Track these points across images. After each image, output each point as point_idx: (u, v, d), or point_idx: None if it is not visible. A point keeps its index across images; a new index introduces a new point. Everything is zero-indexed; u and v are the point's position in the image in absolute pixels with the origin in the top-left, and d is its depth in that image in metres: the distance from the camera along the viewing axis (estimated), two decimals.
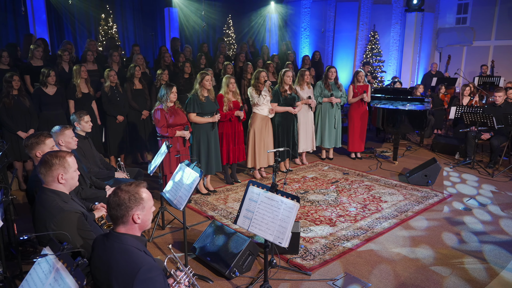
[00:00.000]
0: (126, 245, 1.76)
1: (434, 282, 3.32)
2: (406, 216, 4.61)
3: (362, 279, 3.36)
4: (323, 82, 6.75)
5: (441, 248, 3.91)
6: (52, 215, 2.18)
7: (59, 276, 1.63)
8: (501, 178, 6.02)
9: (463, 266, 3.57)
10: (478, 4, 11.16)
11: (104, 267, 1.72)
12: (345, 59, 11.15)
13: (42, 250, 1.82)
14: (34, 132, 3.01)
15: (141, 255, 1.74)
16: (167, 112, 4.62)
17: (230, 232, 3.57)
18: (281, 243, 2.53)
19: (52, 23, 8.61)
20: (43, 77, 5.44)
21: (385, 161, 6.99)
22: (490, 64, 10.27)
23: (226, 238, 3.52)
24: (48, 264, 1.73)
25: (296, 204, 2.56)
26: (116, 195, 1.78)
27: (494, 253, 3.80)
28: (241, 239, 3.45)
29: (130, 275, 1.66)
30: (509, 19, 10.70)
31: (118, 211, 1.77)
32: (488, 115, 6.14)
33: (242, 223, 2.78)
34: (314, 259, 3.66)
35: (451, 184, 5.78)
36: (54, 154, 2.28)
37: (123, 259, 1.71)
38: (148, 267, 1.68)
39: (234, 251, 3.38)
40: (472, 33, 11.29)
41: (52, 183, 2.29)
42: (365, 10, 10.77)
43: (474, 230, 4.28)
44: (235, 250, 3.39)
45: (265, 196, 2.71)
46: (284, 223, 2.55)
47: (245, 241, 3.40)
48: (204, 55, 8.34)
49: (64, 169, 2.29)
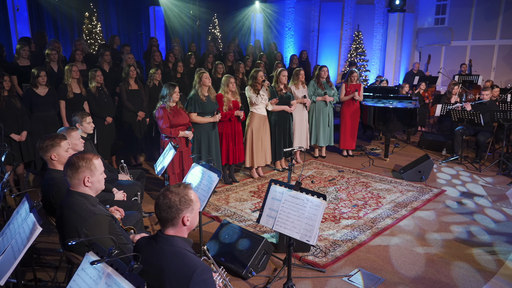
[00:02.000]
0: (177, 247, 1.73)
1: (445, 274, 3.43)
2: (406, 212, 4.73)
3: (375, 274, 3.42)
4: (316, 81, 6.83)
5: (445, 240, 4.03)
6: (83, 218, 2.12)
7: (113, 281, 1.58)
8: (489, 173, 6.27)
9: (470, 257, 3.70)
10: (456, 5, 11.56)
11: (154, 270, 1.68)
12: (329, 58, 11.30)
13: (85, 255, 1.76)
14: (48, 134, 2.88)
15: (194, 257, 1.72)
16: (170, 112, 4.55)
17: (243, 232, 3.56)
18: (309, 240, 2.55)
19: (34, 21, 8.31)
20: (33, 77, 5.24)
21: (376, 158, 7.14)
22: (468, 63, 10.66)
23: (239, 238, 3.51)
24: (95, 269, 1.67)
25: (323, 201, 2.58)
26: (166, 197, 1.74)
27: (496, 243, 3.96)
28: (255, 238, 3.44)
29: (185, 278, 1.63)
30: (484, 20, 11.14)
31: (169, 213, 1.73)
32: (475, 112, 6.38)
33: (266, 222, 2.77)
34: (326, 256, 3.70)
35: (443, 179, 5.97)
36: (80, 156, 2.21)
37: (176, 262, 1.68)
38: (202, 269, 1.66)
39: (249, 250, 3.37)
40: (450, 33, 11.69)
41: (78, 186, 2.22)
42: (349, 10, 10.96)
43: (474, 222, 4.44)
44: (250, 250, 3.38)
45: (289, 194, 2.72)
46: (311, 221, 2.57)
47: (260, 240, 3.39)
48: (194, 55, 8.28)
49: (90, 172, 2.22)
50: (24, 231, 1.89)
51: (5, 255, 1.87)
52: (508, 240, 4.05)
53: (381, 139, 8.74)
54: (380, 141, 8.61)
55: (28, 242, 1.79)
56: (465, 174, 6.21)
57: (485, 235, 4.15)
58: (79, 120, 4.01)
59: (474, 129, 6.79)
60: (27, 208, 2.03)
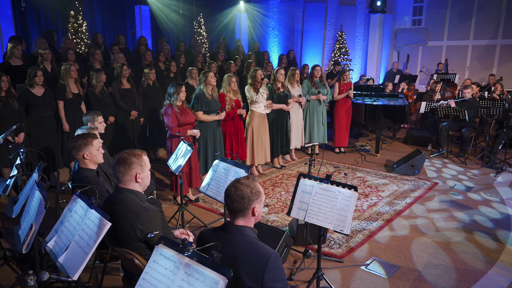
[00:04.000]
0: (249, 236, 1.81)
1: (454, 259, 3.66)
2: (407, 203, 4.97)
3: (390, 262, 3.61)
4: (310, 80, 7.00)
5: (447, 228, 4.28)
6: (137, 214, 2.15)
7: (194, 270, 1.64)
8: (474, 166, 6.64)
9: (474, 241, 3.95)
10: (432, 7, 12.08)
11: (227, 260, 1.75)
12: (313, 58, 11.54)
13: (154, 248, 1.81)
14: (79, 134, 2.87)
15: (264, 245, 1.80)
16: (178, 111, 4.58)
17: (263, 226, 3.65)
18: (343, 230, 2.68)
19: (17, 19, 8.05)
20: (29, 77, 5.12)
21: (367, 154, 7.39)
22: (444, 62, 11.17)
23: (260, 232, 3.59)
24: (170, 260, 1.73)
25: (355, 193, 2.72)
26: (238, 189, 1.82)
27: (495, 229, 4.24)
28: (276, 232, 3.54)
29: (260, 265, 1.71)
30: (459, 21, 11.71)
31: (241, 204, 1.81)
32: (460, 108, 6.74)
33: (297, 215, 2.88)
34: (341, 247, 3.86)
35: (433, 173, 6.28)
36: (131, 152, 2.25)
37: (250, 250, 1.76)
38: (275, 256, 1.75)
39: (271, 244, 3.47)
40: (427, 34, 12.19)
41: (129, 183, 2.25)
42: (332, 11, 11.23)
43: (469, 210, 4.73)
44: (271, 243, 3.47)
45: (320, 187, 2.84)
46: (343, 212, 2.70)
47: (281, 234, 3.50)
48: (184, 54, 8.27)
49: (141, 168, 2.26)
50: (89, 227, 1.91)
51: (71, 251, 1.88)
52: (503, 226, 4.34)
53: (368, 136, 9.04)
54: (367, 138, 8.90)
55: (98, 237, 1.82)
56: (452, 167, 6.55)
57: (483, 222, 4.43)
58: (90, 120, 3.98)
59: (458, 125, 7.17)
60: (83, 206, 2.05)
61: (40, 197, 2.31)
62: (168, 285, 1.69)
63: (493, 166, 6.51)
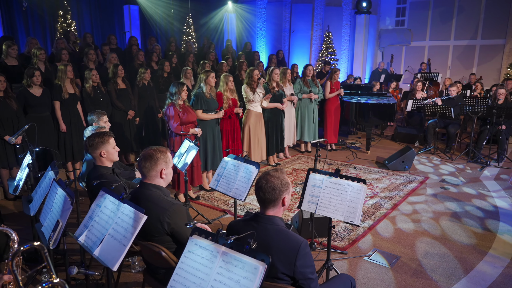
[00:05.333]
0: (279, 226, 1.92)
1: (450, 248, 3.86)
2: (401, 197, 5.17)
3: (390, 253, 3.78)
4: (302, 79, 7.15)
5: (441, 219, 4.50)
6: (164, 208, 2.23)
7: (232, 258, 1.73)
8: (460, 161, 6.93)
9: (467, 231, 4.17)
10: (414, 8, 12.46)
11: (260, 249, 1.85)
12: (301, 57, 11.72)
13: (189, 239, 1.89)
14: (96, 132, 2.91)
15: (294, 233, 1.92)
16: (180, 110, 4.65)
17: None
18: (353, 221, 2.82)
19: (4, 19, 7.91)
20: (27, 77, 5.09)
21: (358, 152, 7.60)
22: (427, 62, 11.55)
23: None
24: (207, 250, 1.81)
25: (364, 185, 2.87)
26: (269, 181, 1.92)
27: (485, 219, 4.48)
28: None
29: (292, 252, 1.83)
30: (440, 22, 12.11)
31: (272, 195, 1.92)
32: (447, 106, 7.02)
33: (308, 208, 3.01)
34: (343, 239, 4.01)
35: (423, 168, 6.53)
36: (157, 149, 2.32)
37: (282, 239, 1.87)
38: (305, 243, 1.87)
39: None
40: (410, 34, 12.56)
41: (154, 178, 2.33)
42: (319, 11, 11.44)
43: (460, 202, 4.96)
44: None
45: (330, 181, 2.97)
46: (353, 204, 2.84)
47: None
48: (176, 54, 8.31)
49: (166, 164, 2.34)
50: (123, 220, 1.98)
51: (106, 244, 1.95)
52: (492, 217, 4.59)
53: (357, 134, 9.27)
54: (356, 135, 9.13)
55: (135, 229, 1.89)
56: (440, 163, 6.82)
57: (474, 213, 4.66)
58: (96, 119, 4.00)
59: (444, 122, 7.45)
60: (113, 201, 2.12)
61: (64, 194, 2.36)
62: (207, 273, 1.78)
63: (478, 161, 6.81)
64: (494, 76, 11.18)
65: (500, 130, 6.60)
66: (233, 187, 3.27)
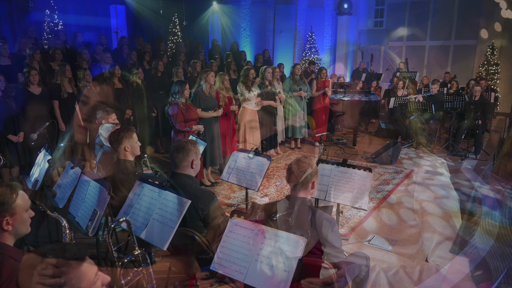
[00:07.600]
0: (311, 206, 2.15)
1: (442, 230, 4.20)
2: (391, 188, 5.51)
3: (388, 237, 4.08)
4: (291, 78, 7.41)
5: (430, 206, 4.85)
6: (197, 196, 2.41)
7: (274, 234, 1.95)
8: (441, 154, 7.37)
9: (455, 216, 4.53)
10: (392, 10, 12.97)
11: (295, 226, 2.08)
12: (285, 57, 11.99)
13: (229, 220, 2.09)
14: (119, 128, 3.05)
15: (323, 212, 2.15)
16: (183, 108, 4.80)
17: None
18: (361, 206, 3.08)
19: None
20: (25, 76, 5.12)
21: (345, 147, 7.94)
22: (405, 61, 12.06)
23: None
24: (247, 229, 2.02)
25: (370, 173, 3.14)
26: (300, 166, 2.15)
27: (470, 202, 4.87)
28: None
29: (325, 227, 2.06)
30: (416, 23, 12.67)
31: (304, 179, 2.14)
32: (428, 103, 7.44)
33: (318, 196, 3.25)
34: (343, 227, 4.28)
35: (408, 161, 6.92)
36: (188, 141, 2.51)
37: (315, 217, 2.10)
38: (333, 219, 2.10)
39: None
40: (388, 35, 13.07)
41: (186, 168, 2.50)
42: (302, 12, 11.75)
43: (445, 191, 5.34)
44: None
45: (338, 170, 3.23)
46: (360, 190, 3.11)
47: None
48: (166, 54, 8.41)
49: (196, 155, 2.52)
50: (167, 205, 2.16)
51: (151, 227, 2.12)
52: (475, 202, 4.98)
53: (342, 130, 9.62)
54: (341, 132, 9.47)
55: (181, 213, 2.08)
56: (423, 156, 7.24)
57: (459, 200, 5.05)
58: (105, 117, 4.11)
59: (425, 118, 7.88)
60: (152, 189, 2.29)
61: (98, 186, 2.50)
62: (250, 249, 1.99)
63: (457, 154, 7.26)
64: (467, 75, 11.79)
65: (477, 124, 7.06)
66: (245, 178, 3.48)
